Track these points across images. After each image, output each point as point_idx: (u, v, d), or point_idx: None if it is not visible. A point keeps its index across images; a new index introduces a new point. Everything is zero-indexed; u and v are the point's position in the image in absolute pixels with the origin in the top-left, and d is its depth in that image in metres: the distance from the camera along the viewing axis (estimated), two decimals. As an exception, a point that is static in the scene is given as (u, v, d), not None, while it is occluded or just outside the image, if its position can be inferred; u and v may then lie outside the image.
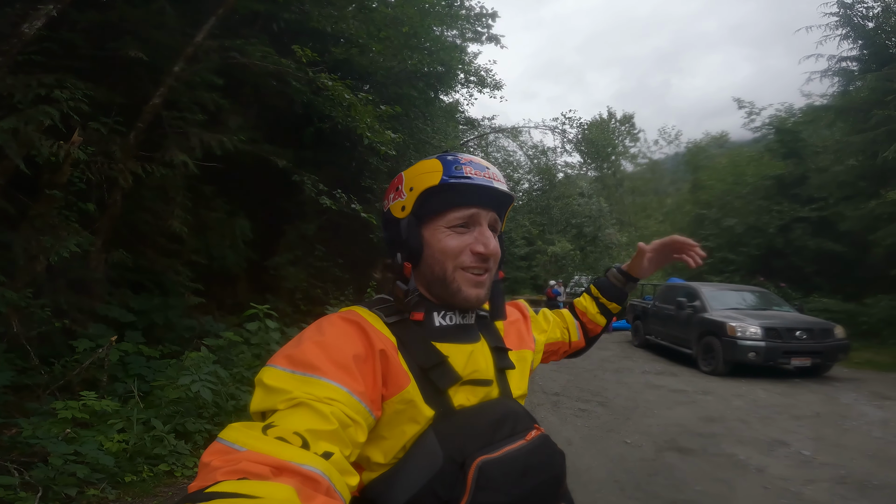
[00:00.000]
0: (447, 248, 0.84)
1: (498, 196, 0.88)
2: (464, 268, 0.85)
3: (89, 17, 5.09)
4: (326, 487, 0.54)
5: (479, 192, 0.85)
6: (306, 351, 0.71)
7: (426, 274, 0.87)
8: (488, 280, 0.88)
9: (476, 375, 0.84)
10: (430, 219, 0.86)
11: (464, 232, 0.86)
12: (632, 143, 39.03)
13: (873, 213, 11.34)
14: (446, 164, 0.85)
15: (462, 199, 0.85)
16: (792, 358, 7.87)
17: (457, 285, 0.85)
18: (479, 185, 0.84)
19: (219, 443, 0.57)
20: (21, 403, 3.85)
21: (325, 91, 6.55)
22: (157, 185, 5.59)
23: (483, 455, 0.73)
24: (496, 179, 0.87)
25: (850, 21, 12.93)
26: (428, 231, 0.86)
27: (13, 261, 4.26)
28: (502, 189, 0.87)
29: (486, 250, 0.84)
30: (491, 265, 0.87)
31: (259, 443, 0.55)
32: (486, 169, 0.87)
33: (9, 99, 4.15)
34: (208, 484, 0.48)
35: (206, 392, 3.90)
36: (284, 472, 0.52)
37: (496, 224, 0.89)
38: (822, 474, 4.04)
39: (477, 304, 0.87)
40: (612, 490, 3.74)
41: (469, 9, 13.73)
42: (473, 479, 0.71)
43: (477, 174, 0.85)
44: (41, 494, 2.94)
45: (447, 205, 0.85)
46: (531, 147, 19.14)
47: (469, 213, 0.85)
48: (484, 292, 0.87)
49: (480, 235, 0.85)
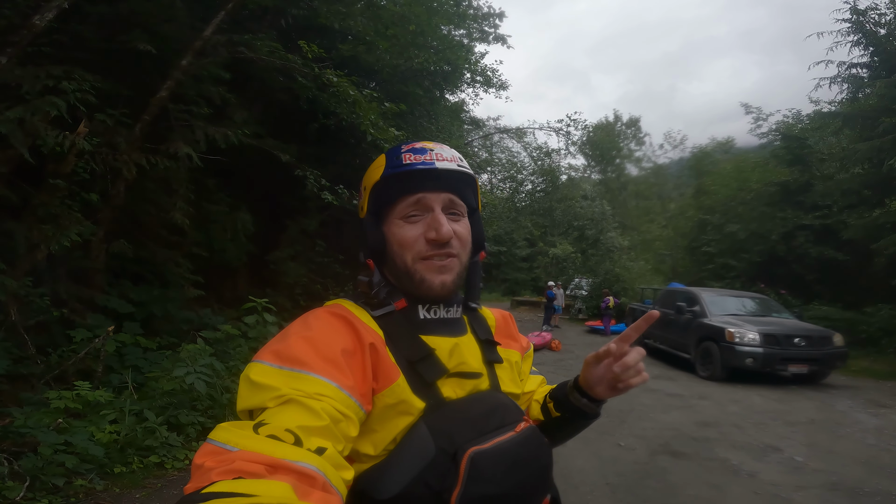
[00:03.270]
0: (402, 240, 0.83)
1: (448, 175, 0.84)
2: (423, 257, 0.83)
3: (100, 9, 5.13)
4: (322, 483, 0.54)
5: (422, 176, 0.82)
6: (293, 346, 0.70)
7: (392, 269, 0.86)
8: (456, 264, 0.85)
9: (462, 368, 0.84)
10: (386, 213, 0.86)
11: (417, 220, 0.83)
12: (637, 146, 39.12)
13: (877, 223, 11.28)
14: (389, 156, 0.85)
15: (407, 187, 0.83)
16: (789, 365, 7.86)
17: (419, 276, 0.83)
18: (419, 170, 0.82)
19: (210, 444, 0.56)
20: (15, 393, 3.88)
21: (331, 87, 6.58)
22: (161, 177, 5.63)
23: (474, 446, 0.73)
24: (440, 158, 0.83)
25: (861, 27, 12.87)
26: (387, 226, 0.86)
27: (14, 249, 4.30)
28: (446, 167, 0.83)
29: (438, 235, 0.81)
30: (455, 248, 0.84)
31: (251, 442, 0.55)
32: (427, 151, 0.84)
33: (17, 89, 4.19)
34: (204, 485, 0.48)
35: (201, 384, 3.93)
36: (279, 469, 0.52)
37: (455, 205, 0.85)
38: (814, 480, 4.04)
39: (443, 291, 0.84)
40: (604, 493, 3.75)
41: (477, 8, 13.74)
42: (465, 470, 0.71)
43: (416, 158, 0.83)
44: (28, 484, 2.96)
45: (395, 196, 0.84)
46: (535, 148, 19.12)
47: (415, 199, 0.83)
48: (451, 278, 0.84)
49: (433, 220, 0.82)
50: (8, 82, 4.19)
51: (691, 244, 20.56)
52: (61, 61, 4.49)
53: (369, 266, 0.87)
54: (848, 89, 13.70)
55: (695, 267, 19.81)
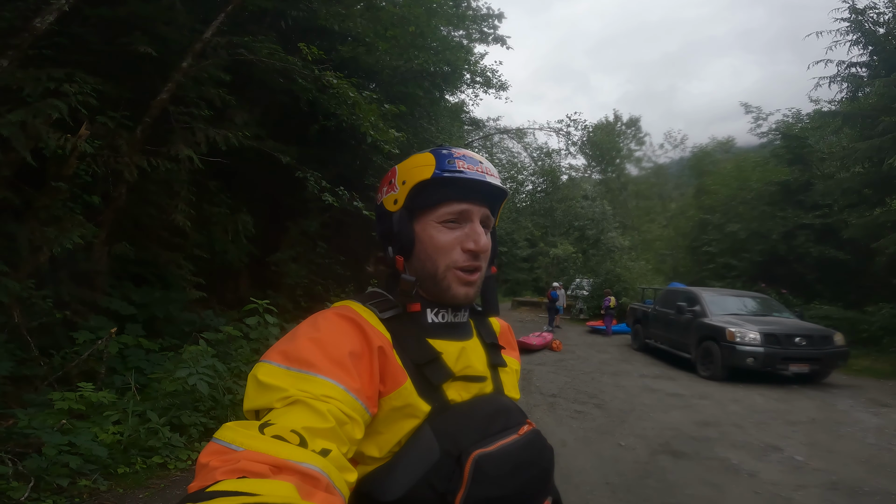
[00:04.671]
0: (438, 244, 0.84)
1: (491, 191, 0.87)
2: (456, 267, 0.84)
3: (100, 12, 5.14)
4: (326, 484, 0.54)
5: (472, 187, 0.84)
6: (301, 347, 0.70)
7: (417, 269, 0.86)
8: (479, 278, 0.87)
9: (468, 372, 0.85)
10: (422, 213, 0.85)
11: (455, 227, 0.84)
12: (637, 146, 39.10)
13: (877, 221, 11.29)
14: (439, 158, 0.84)
15: (454, 193, 0.84)
16: (790, 364, 7.87)
17: (447, 283, 0.84)
18: (472, 180, 0.83)
19: (215, 443, 0.56)
20: (19, 394, 3.90)
21: (331, 89, 6.60)
22: (162, 180, 5.64)
23: (479, 449, 0.74)
24: (489, 174, 0.86)
25: (860, 27, 12.87)
26: (419, 226, 0.85)
27: (17, 251, 4.32)
28: (495, 184, 0.86)
29: (477, 247, 0.83)
30: (482, 262, 0.86)
31: (256, 442, 0.55)
32: (479, 163, 0.86)
33: (18, 92, 4.21)
34: (208, 483, 0.48)
35: (203, 385, 3.94)
36: (284, 470, 0.52)
37: (488, 220, 0.88)
38: (814, 480, 4.05)
39: (466, 302, 0.87)
40: (604, 492, 3.76)
41: (476, 9, 13.76)
42: (470, 473, 0.72)
43: (470, 168, 0.84)
44: (33, 484, 2.98)
45: (439, 199, 0.84)
46: (536, 149, 19.15)
47: (460, 209, 0.84)
48: (474, 291, 0.87)
49: (472, 231, 0.84)
50: (9, 85, 4.20)
51: (692, 244, 20.59)
52: (62, 64, 4.52)
53: (398, 262, 0.86)
54: (847, 88, 13.67)
55: (695, 266, 19.84)
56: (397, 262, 0.86)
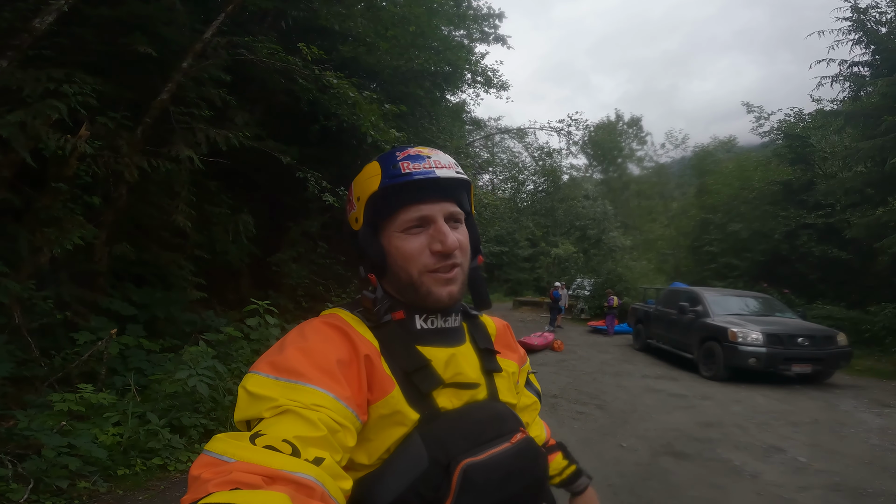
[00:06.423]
0: (406, 253, 0.81)
1: (446, 183, 0.81)
2: (429, 270, 0.81)
3: (100, 12, 5.14)
4: (321, 493, 0.53)
5: (423, 186, 0.80)
6: (290, 357, 0.70)
7: (394, 281, 0.84)
8: (460, 274, 0.83)
9: (459, 378, 0.83)
10: (384, 225, 0.83)
11: (419, 232, 0.81)
12: (639, 146, 38.99)
13: (880, 221, 11.24)
14: (384, 165, 0.81)
15: (409, 198, 0.80)
16: (793, 364, 7.84)
17: (426, 288, 0.81)
18: (420, 180, 0.79)
19: (206, 455, 0.56)
20: (19, 395, 3.89)
21: (332, 89, 6.59)
22: (163, 180, 5.64)
23: (468, 458, 0.73)
24: (439, 166, 0.81)
25: (862, 26, 12.86)
26: (385, 238, 0.83)
27: (17, 252, 4.32)
28: (447, 175, 0.81)
29: (444, 247, 0.79)
30: (458, 259, 0.82)
31: (248, 453, 0.54)
32: (426, 158, 0.81)
33: (18, 93, 4.20)
34: (201, 496, 0.47)
35: (203, 387, 3.93)
36: (277, 480, 0.51)
37: (455, 212, 0.83)
38: (817, 481, 4.03)
39: (451, 302, 0.83)
40: (606, 494, 3.74)
41: (476, 9, 13.76)
42: (458, 482, 0.71)
43: (416, 167, 0.79)
44: (32, 486, 2.97)
45: (395, 207, 0.81)
46: (537, 148, 19.13)
47: (419, 215, 0.80)
48: (457, 288, 0.83)
49: (436, 233, 0.80)
50: (9, 86, 4.19)
51: (694, 243, 20.57)
52: (62, 64, 4.51)
53: (371, 281, 0.84)
54: (850, 88, 13.69)
55: (697, 266, 19.83)
56: (371, 280, 0.84)
